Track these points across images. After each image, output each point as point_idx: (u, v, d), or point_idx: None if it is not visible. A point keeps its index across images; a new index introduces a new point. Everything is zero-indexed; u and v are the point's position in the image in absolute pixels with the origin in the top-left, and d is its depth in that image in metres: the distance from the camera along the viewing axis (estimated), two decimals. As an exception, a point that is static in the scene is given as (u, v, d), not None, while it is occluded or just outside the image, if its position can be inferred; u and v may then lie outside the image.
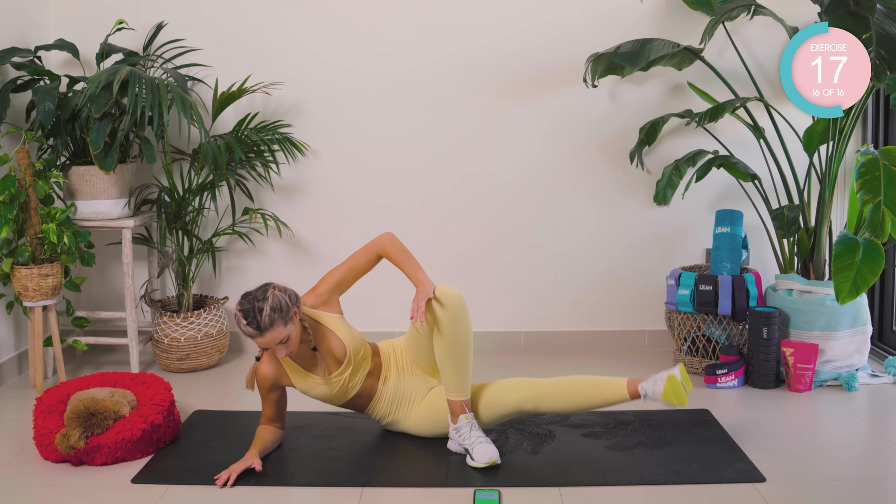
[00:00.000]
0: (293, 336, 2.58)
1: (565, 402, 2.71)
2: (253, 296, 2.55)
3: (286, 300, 2.56)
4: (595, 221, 3.95)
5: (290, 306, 2.56)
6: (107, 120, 3.44)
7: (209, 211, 3.93)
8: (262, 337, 2.53)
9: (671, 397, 2.59)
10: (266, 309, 2.50)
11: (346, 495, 2.48)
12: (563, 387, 2.72)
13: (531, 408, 2.72)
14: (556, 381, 2.74)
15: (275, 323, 2.51)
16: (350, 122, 3.91)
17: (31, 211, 3.33)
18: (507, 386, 2.76)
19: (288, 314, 2.55)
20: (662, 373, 2.68)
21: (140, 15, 3.84)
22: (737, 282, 3.45)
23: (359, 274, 2.80)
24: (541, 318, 4.00)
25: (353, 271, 2.79)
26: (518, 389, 2.73)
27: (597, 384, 2.72)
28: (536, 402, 2.71)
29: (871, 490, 2.51)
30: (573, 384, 2.72)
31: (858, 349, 3.39)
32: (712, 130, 3.81)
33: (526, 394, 2.71)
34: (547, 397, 2.71)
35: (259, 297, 2.53)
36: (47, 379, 3.64)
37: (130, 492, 2.52)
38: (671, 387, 2.59)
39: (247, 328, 2.52)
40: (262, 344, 2.56)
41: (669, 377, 2.62)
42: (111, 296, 4.04)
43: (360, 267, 2.79)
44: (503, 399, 2.73)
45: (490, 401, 2.75)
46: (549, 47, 3.84)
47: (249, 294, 2.56)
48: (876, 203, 2.90)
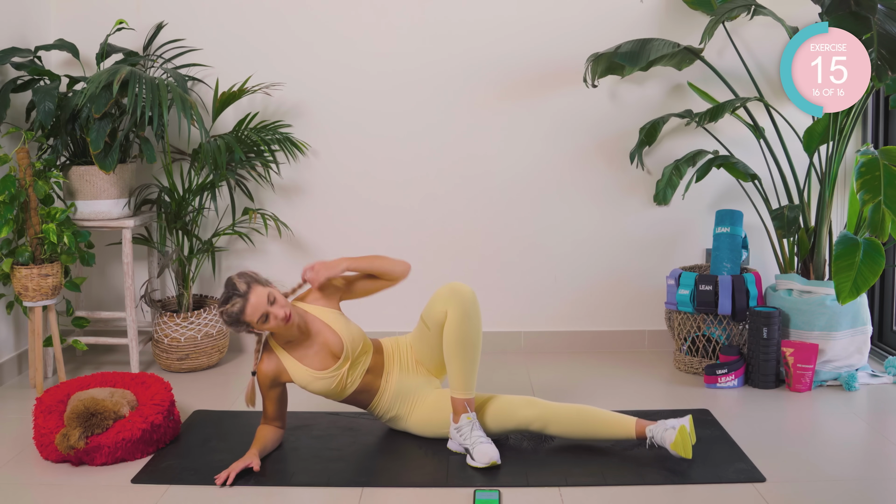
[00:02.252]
0: (278, 296, 2.64)
1: (572, 429, 2.71)
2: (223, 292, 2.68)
3: (249, 271, 2.70)
4: (595, 221, 3.95)
5: (254, 273, 2.69)
6: (107, 120, 3.44)
7: (209, 211, 3.93)
8: (248, 302, 2.60)
9: (679, 448, 2.56)
10: (236, 281, 2.64)
11: (346, 495, 2.49)
12: (573, 414, 2.71)
13: (537, 427, 2.72)
14: (566, 406, 2.73)
15: (251, 285, 2.62)
16: (350, 121, 3.91)
17: (31, 211, 3.33)
18: (516, 402, 2.75)
19: (258, 277, 2.67)
20: (672, 421, 2.64)
21: (140, 15, 3.84)
22: (737, 282, 3.45)
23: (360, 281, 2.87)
24: (541, 318, 4.00)
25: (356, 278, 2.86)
26: (528, 407, 2.73)
27: (606, 418, 2.71)
28: (544, 424, 2.71)
29: (871, 490, 2.51)
30: (583, 414, 2.71)
31: (858, 349, 3.39)
32: (712, 130, 3.81)
33: (535, 413, 2.71)
34: (555, 421, 2.70)
35: (227, 285, 2.66)
36: (47, 379, 3.64)
37: (130, 492, 2.52)
38: (681, 438, 2.56)
39: (233, 307, 2.60)
40: (254, 312, 2.60)
41: (681, 428, 2.58)
42: (111, 296, 4.04)
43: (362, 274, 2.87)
44: (511, 414, 2.73)
45: (498, 412, 2.75)
46: (549, 47, 3.84)
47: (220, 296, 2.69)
48: (876, 203, 2.90)
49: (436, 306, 2.72)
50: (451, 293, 2.69)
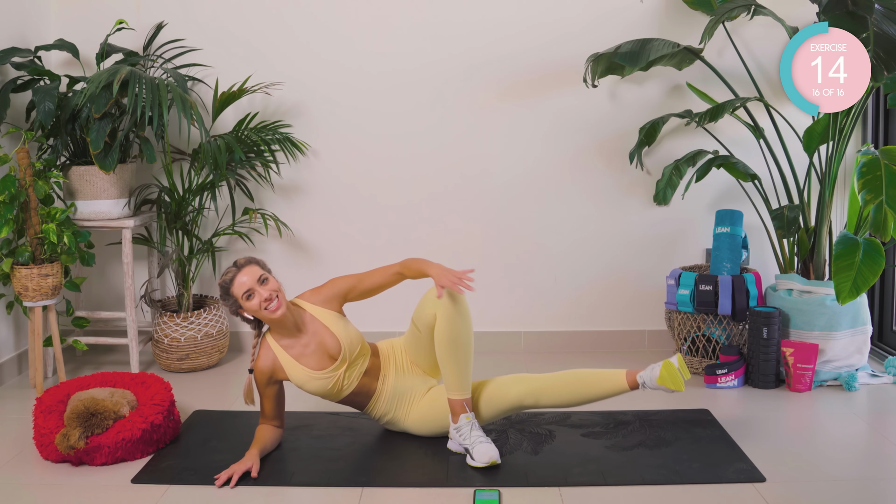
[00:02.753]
0: (271, 282, 2.68)
1: (565, 396, 2.74)
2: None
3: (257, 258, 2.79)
4: (595, 221, 3.95)
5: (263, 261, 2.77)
6: (107, 120, 3.44)
7: (209, 211, 3.93)
8: (240, 272, 2.66)
9: (667, 381, 2.61)
10: (240, 258, 2.75)
11: (346, 495, 2.49)
12: (563, 380, 2.75)
13: (531, 402, 2.74)
14: (555, 374, 2.77)
15: (250, 263, 2.71)
16: (350, 121, 3.91)
17: (31, 211, 3.33)
18: (506, 381, 2.77)
19: (264, 263, 2.76)
20: (659, 362, 2.73)
21: (140, 15, 3.84)
22: (737, 282, 3.45)
23: (368, 287, 2.81)
24: (541, 318, 4.00)
25: (364, 283, 2.81)
26: (517, 384, 2.75)
27: (596, 376, 2.76)
28: (536, 397, 2.73)
29: (871, 490, 2.51)
30: (572, 377, 2.76)
31: (858, 349, 3.39)
32: (712, 130, 3.81)
33: (525, 388, 2.73)
34: (546, 391, 2.73)
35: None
36: (47, 379, 3.64)
37: (130, 492, 2.52)
38: (667, 371, 2.61)
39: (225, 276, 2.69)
40: (239, 286, 2.66)
41: (666, 362, 2.66)
42: (111, 296, 4.04)
43: (371, 281, 2.81)
44: (503, 394, 2.75)
45: (490, 396, 2.76)
46: (549, 47, 3.84)
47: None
48: (878, 203, 2.90)
49: (424, 309, 2.72)
50: (437, 295, 2.65)
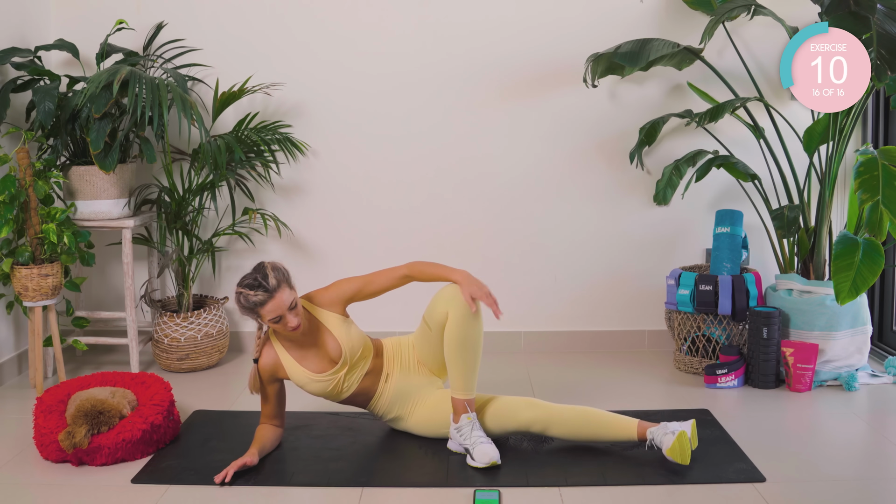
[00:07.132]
0: (298, 304, 2.64)
1: (573, 431, 2.70)
2: (251, 273, 2.63)
3: (283, 266, 2.67)
4: (595, 221, 3.95)
5: (287, 271, 2.67)
6: (107, 120, 3.44)
7: (209, 211, 3.93)
8: (272, 300, 2.58)
9: (676, 454, 2.54)
10: (270, 272, 2.61)
11: (346, 495, 2.49)
12: (575, 415, 2.70)
13: (539, 429, 2.72)
14: (568, 408, 2.72)
15: (281, 284, 2.60)
16: (350, 121, 3.91)
17: (31, 211, 3.33)
18: (518, 404, 2.75)
19: (289, 278, 2.65)
20: (674, 425, 2.63)
21: (140, 15, 3.84)
22: (737, 282, 3.45)
23: (374, 290, 2.80)
24: (541, 318, 4.00)
25: (371, 285, 2.80)
26: (529, 409, 2.72)
27: (608, 420, 2.71)
28: (545, 425, 2.70)
29: (871, 490, 2.51)
30: (584, 415, 2.71)
31: (858, 349, 3.39)
32: (712, 130, 3.81)
33: (536, 415, 2.70)
34: (556, 422, 2.70)
35: (258, 269, 2.63)
36: (47, 379, 3.64)
37: (130, 492, 2.52)
38: (679, 444, 2.54)
39: (255, 297, 2.57)
40: (271, 311, 2.58)
41: (680, 433, 2.55)
42: (111, 296, 4.04)
43: (377, 283, 2.80)
44: (512, 416, 2.73)
45: (498, 413, 2.74)
46: (549, 47, 3.84)
47: (247, 274, 2.65)
48: (874, 202, 2.90)
49: (437, 307, 2.72)
50: (452, 294, 2.69)
